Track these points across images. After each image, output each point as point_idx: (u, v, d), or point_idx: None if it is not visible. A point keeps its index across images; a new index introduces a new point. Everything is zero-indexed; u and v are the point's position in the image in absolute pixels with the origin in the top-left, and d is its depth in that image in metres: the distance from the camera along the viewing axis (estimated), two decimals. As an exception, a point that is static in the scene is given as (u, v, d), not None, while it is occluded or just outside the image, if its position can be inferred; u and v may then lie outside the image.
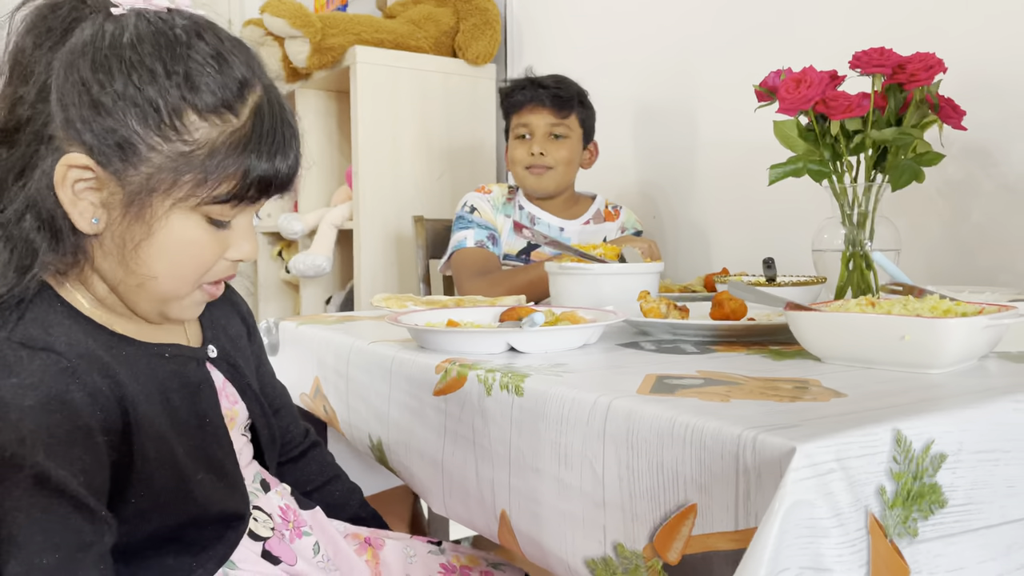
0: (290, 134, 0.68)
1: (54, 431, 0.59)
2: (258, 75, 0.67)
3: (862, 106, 1.19)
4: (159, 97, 0.62)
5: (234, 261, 0.70)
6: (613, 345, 0.97)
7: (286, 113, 0.68)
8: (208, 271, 0.69)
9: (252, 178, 0.65)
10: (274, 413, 0.91)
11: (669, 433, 0.60)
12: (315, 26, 2.16)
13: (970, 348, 0.76)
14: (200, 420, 0.73)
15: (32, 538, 0.57)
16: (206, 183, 0.64)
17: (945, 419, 0.60)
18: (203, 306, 0.74)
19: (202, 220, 0.66)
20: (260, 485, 0.83)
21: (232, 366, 0.81)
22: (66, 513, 0.59)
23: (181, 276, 0.67)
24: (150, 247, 0.65)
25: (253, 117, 0.65)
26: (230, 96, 0.64)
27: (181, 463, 0.69)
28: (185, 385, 0.73)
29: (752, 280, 1.31)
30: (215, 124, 0.64)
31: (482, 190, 1.83)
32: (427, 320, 1.00)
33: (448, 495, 0.86)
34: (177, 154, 0.63)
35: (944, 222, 1.42)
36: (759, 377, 0.75)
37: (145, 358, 0.70)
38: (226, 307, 0.87)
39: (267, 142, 0.65)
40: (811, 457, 0.52)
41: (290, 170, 0.68)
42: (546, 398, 0.72)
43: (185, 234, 0.65)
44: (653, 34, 1.97)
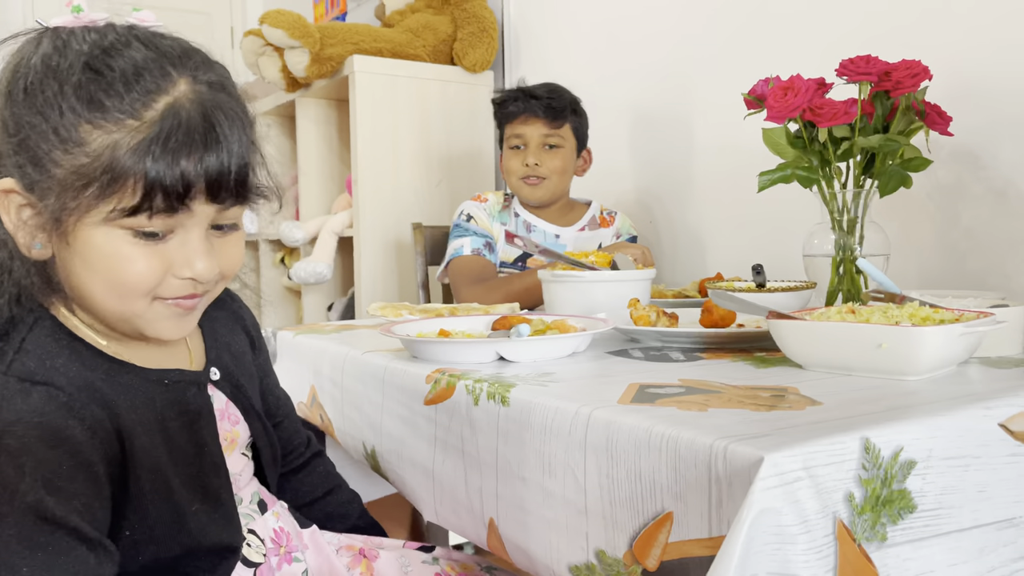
0: (214, 133, 0.62)
1: (55, 466, 0.59)
2: (178, 69, 0.63)
3: (849, 113, 1.21)
4: (54, 111, 0.60)
5: (185, 279, 0.65)
6: (602, 353, 0.99)
7: (214, 110, 0.62)
8: (155, 287, 0.64)
9: (155, 183, 0.60)
10: (276, 425, 0.92)
11: (646, 443, 0.62)
12: (313, 36, 2.19)
13: (946, 355, 0.77)
14: (198, 449, 0.73)
15: (35, 572, 0.58)
16: (109, 194, 0.60)
17: (915, 427, 0.61)
18: (186, 321, 0.69)
19: (126, 234, 0.62)
20: (257, 506, 0.83)
21: (235, 387, 0.80)
22: (69, 546, 0.59)
23: (120, 294, 0.64)
24: (80, 267, 0.63)
25: (160, 120, 0.60)
26: (128, 100, 0.60)
27: (177, 494, 0.69)
28: (184, 413, 0.72)
29: (744, 286, 1.32)
30: (111, 131, 0.60)
31: (478, 198, 1.85)
32: (419, 330, 1.02)
33: (439, 503, 0.88)
34: (77, 167, 0.60)
35: (934, 226, 1.43)
36: (740, 385, 0.76)
37: (144, 386, 0.69)
38: (230, 322, 0.86)
39: (173, 143, 0.60)
40: (778, 466, 0.53)
41: (210, 173, 0.61)
42: (531, 408, 0.74)
43: (107, 249, 0.62)
44: (649, 42, 1.99)
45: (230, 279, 0.72)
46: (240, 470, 0.82)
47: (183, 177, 0.60)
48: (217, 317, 0.84)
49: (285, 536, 0.84)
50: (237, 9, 3.94)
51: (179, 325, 0.69)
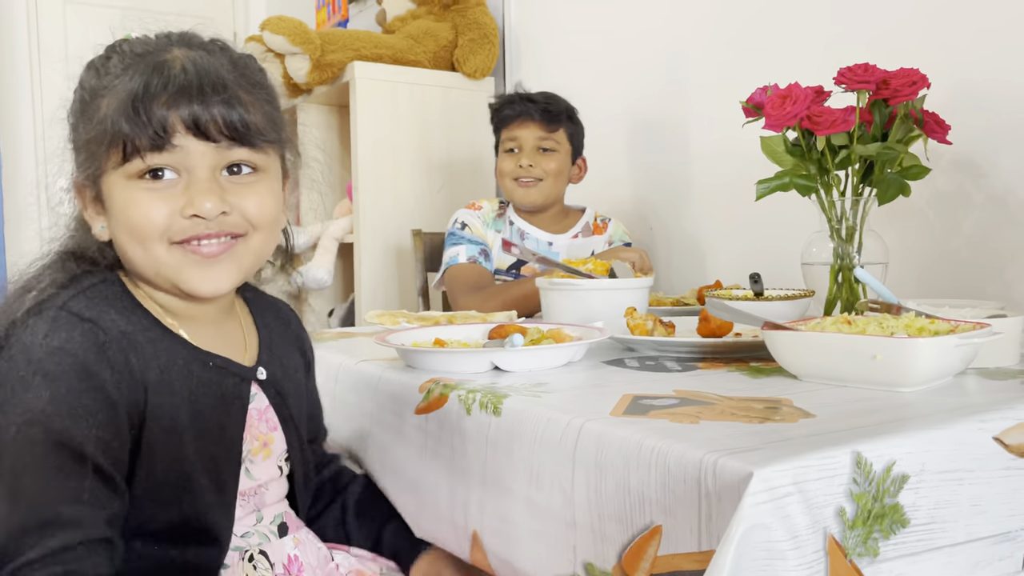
0: (188, 78, 0.69)
1: (81, 398, 0.65)
2: (179, 44, 0.72)
3: (847, 121, 1.20)
4: (85, 101, 0.72)
5: (192, 218, 0.70)
6: (598, 362, 0.98)
7: (199, 65, 0.70)
8: (165, 228, 0.70)
9: (135, 124, 0.67)
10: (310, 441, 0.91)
11: (636, 456, 0.62)
12: (314, 43, 2.19)
13: (941, 367, 0.77)
14: (220, 431, 0.75)
15: (48, 492, 0.63)
16: (112, 147, 0.69)
17: (907, 440, 0.61)
18: (215, 271, 0.73)
19: (136, 181, 0.70)
20: (277, 528, 0.82)
21: (279, 394, 0.82)
22: (83, 474, 0.64)
23: (138, 239, 0.70)
24: (114, 225, 0.72)
25: (146, 74, 0.69)
26: (124, 69, 0.70)
27: (187, 463, 0.72)
28: (218, 397, 0.75)
29: (742, 294, 1.32)
30: (110, 96, 0.69)
31: (472, 206, 1.85)
32: (415, 339, 1.02)
33: (421, 516, 0.88)
34: (94, 136, 0.70)
35: (934, 234, 1.43)
36: (734, 397, 0.76)
37: (186, 358, 0.73)
38: (288, 338, 0.89)
39: (151, 89, 0.68)
40: (768, 481, 0.53)
41: (187, 110, 0.68)
42: (522, 419, 0.73)
43: (122, 199, 0.70)
44: (648, 50, 1.98)
45: (265, 229, 0.75)
46: (269, 480, 0.81)
47: (157, 116, 0.68)
48: (276, 330, 0.87)
49: (298, 565, 0.82)
50: (240, 14, 3.95)
51: (208, 275, 0.72)
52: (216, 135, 0.70)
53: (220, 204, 0.70)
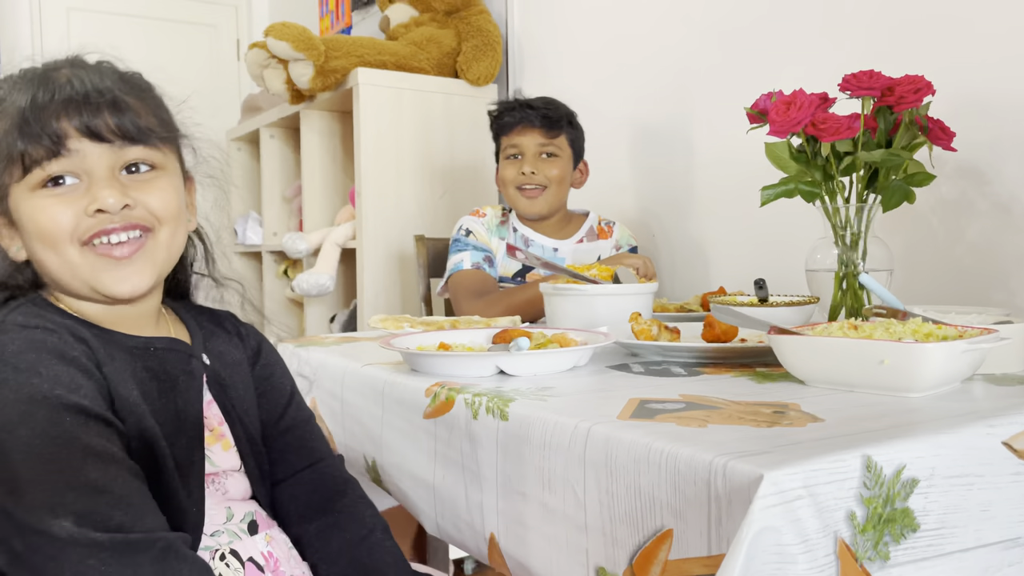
0: (73, 86, 0.71)
1: (67, 375, 0.68)
2: (65, 66, 0.75)
3: (852, 128, 1.20)
4: None
5: (95, 213, 0.72)
6: (603, 367, 0.98)
7: (83, 77, 0.72)
8: (72, 229, 0.72)
9: (26, 134, 0.70)
10: (284, 432, 0.88)
11: (645, 459, 0.61)
12: (318, 49, 2.19)
13: (949, 372, 0.77)
14: (178, 410, 0.76)
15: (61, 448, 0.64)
16: (10, 166, 0.72)
17: (917, 445, 0.61)
18: (128, 271, 0.75)
19: (40, 191, 0.72)
20: (247, 527, 0.81)
21: (220, 384, 0.83)
22: (85, 422, 0.67)
23: (50, 243, 0.73)
24: (29, 237, 0.74)
25: (32, 89, 0.72)
26: (11, 89, 0.73)
27: (153, 445, 0.72)
28: (170, 377, 0.77)
29: (746, 300, 1.32)
30: (3, 117, 0.72)
31: (476, 213, 1.85)
32: (419, 343, 1.02)
33: (441, 517, 0.88)
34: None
35: (938, 241, 1.43)
36: (740, 401, 0.76)
37: (126, 346, 0.75)
38: (226, 336, 0.88)
39: (38, 99, 0.71)
40: (778, 484, 0.53)
41: (74, 114, 0.71)
42: (530, 423, 0.73)
43: (30, 208, 0.72)
44: (651, 56, 1.99)
45: (168, 220, 0.77)
46: (229, 469, 0.81)
47: (50, 127, 0.70)
48: (209, 329, 0.87)
49: (273, 561, 0.81)
50: (243, 21, 3.96)
51: (123, 276, 0.75)
52: (109, 135, 0.72)
53: (122, 197, 0.73)
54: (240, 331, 0.90)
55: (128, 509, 0.64)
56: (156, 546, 0.64)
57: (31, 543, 0.62)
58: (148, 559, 0.63)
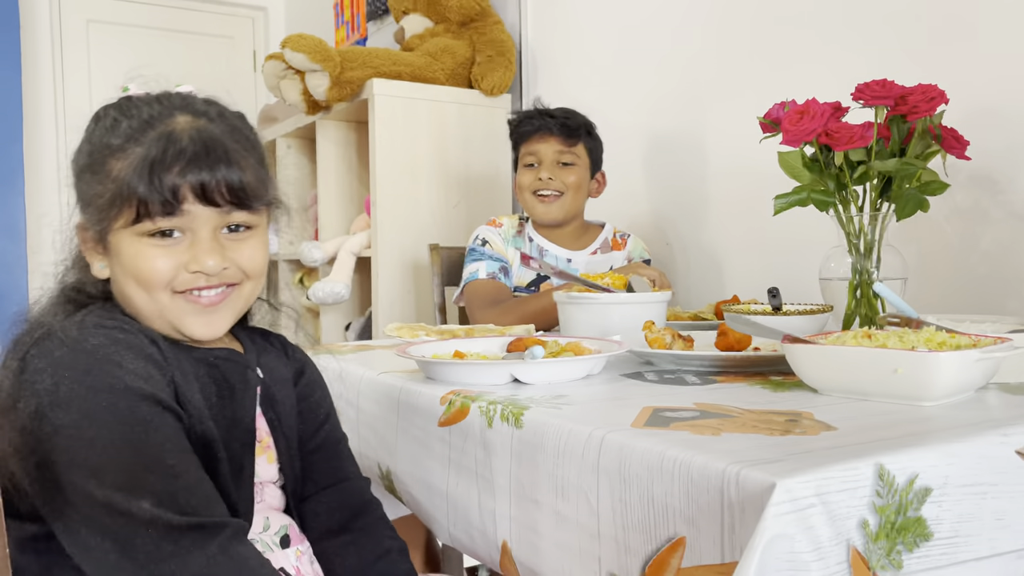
0: (197, 150, 0.74)
1: (144, 370, 0.72)
2: (183, 111, 0.78)
3: (865, 137, 1.20)
4: (92, 159, 0.77)
5: (195, 273, 0.77)
6: (616, 375, 0.99)
7: (204, 134, 0.76)
8: (171, 280, 0.77)
9: (146, 192, 0.73)
10: (315, 450, 0.90)
11: (659, 467, 0.62)
12: (334, 60, 2.22)
13: (963, 381, 0.77)
14: (233, 416, 0.80)
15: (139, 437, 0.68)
16: (123, 207, 0.74)
17: (930, 453, 0.61)
18: (213, 318, 0.79)
19: (145, 238, 0.76)
20: (280, 540, 0.84)
21: (269, 398, 0.86)
22: (160, 415, 0.71)
23: (145, 288, 0.77)
24: (120, 272, 0.78)
25: (151, 143, 0.74)
26: (138, 135, 0.75)
27: (210, 446, 0.76)
28: (227, 385, 0.80)
29: (760, 309, 1.32)
30: (124, 159, 0.75)
31: (493, 223, 1.86)
32: (434, 351, 1.03)
33: (453, 525, 0.88)
34: (107, 194, 0.75)
35: (953, 250, 1.42)
36: (754, 409, 0.76)
37: (190, 355, 0.79)
38: (280, 356, 0.91)
39: (163, 158, 0.73)
40: (791, 492, 0.53)
41: (196, 180, 0.74)
42: (544, 430, 0.74)
43: (132, 252, 0.76)
44: (665, 65, 2.00)
45: (257, 278, 0.82)
46: (270, 480, 0.84)
47: (171, 185, 0.74)
48: (262, 346, 0.90)
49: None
50: (260, 33, 4.01)
51: (208, 322, 0.79)
52: (220, 201, 0.76)
53: (222, 261, 0.77)
54: (288, 350, 0.93)
55: (200, 495, 0.69)
56: (225, 531, 0.68)
57: (111, 522, 0.65)
58: (217, 543, 0.67)
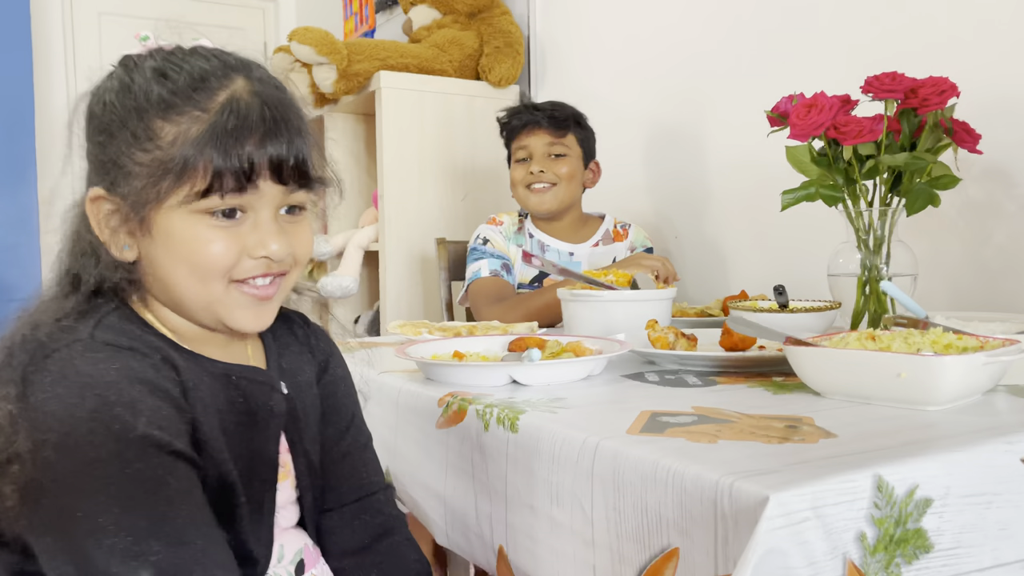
0: (268, 121, 0.67)
1: (160, 411, 0.63)
2: (237, 71, 0.69)
3: (875, 131, 1.18)
4: (132, 117, 0.67)
5: (260, 259, 0.69)
6: (617, 376, 0.97)
7: (268, 103, 0.68)
8: (231, 267, 0.69)
9: (222, 164, 0.65)
10: (339, 459, 0.85)
11: (652, 476, 0.61)
12: (341, 53, 2.20)
13: (969, 384, 0.75)
14: (254, 446, 0.73)
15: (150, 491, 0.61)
16: (184, 179, 0.66)
17: (931, 463, 0.60)
18: (263, 311, 0.72)
19: (203, 217, 0.67)
20: (295, 568, 0.79)
21: (292, 413, 0.79)
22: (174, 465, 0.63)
23: (200, 276, 0.68)
24: (164, 255, 0.68)
25: (222, 109, 0.66)
26: (194, 96, 0.67)
27: (228, 482, 0.70)
28: (248, 411, 0.73)
29: (767, 306, 1.30)
30: (180, 124, 0.66)
31: (493, 221, 1.85)
32: (434, 352, 1.02)
33: (451, 528, 0.88)
34: (154, 160, 0.66)
35: (965, 245, 1.40)
36: (754, 414, 0.75)
37: (209, 373, 0.71)
38: (298, 348, 0.83)
39: (236, 127, 0.66)
40: (785, 506, 0.52)
41: (273, 156, 0.67)
42: (539, 435, 0.73)
43: (187, 234, 0.67)
44: (674, 58, 1.97)
45: (303, 265, 0.75)
46: (285, 503, 0.79)
47: (248, 157, 0.66)
48: (283, 339, 0.83)
49: None
50: (271, 25, 4.00)
51: (257, 315, 0.72)
52: (289, 179, 0.69)
53: (286, 246, 0.70)
54: (311, 341, 0.85)
55: (207, 564, 0.61)
56: None
57: None
58: None
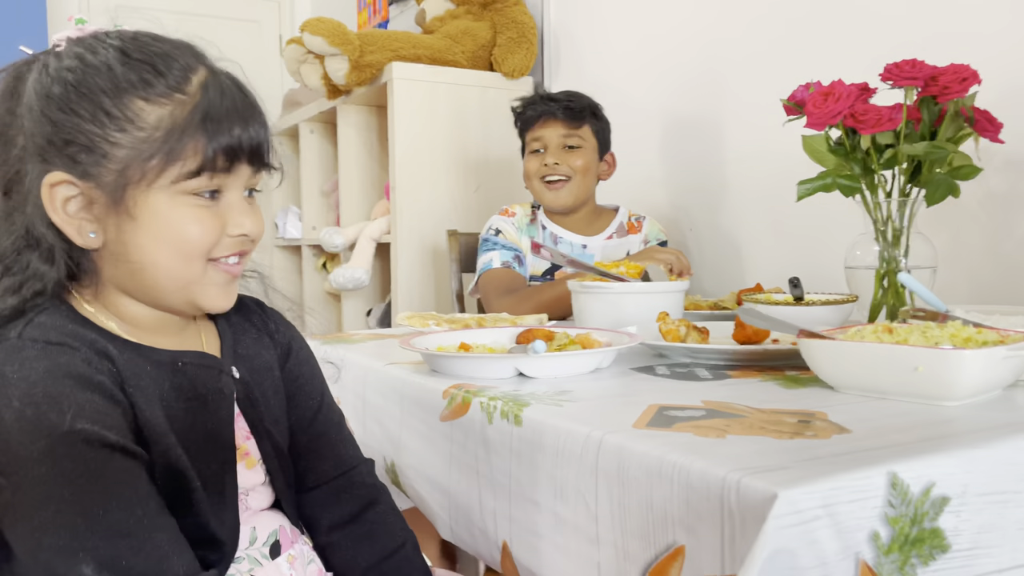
0: (246, 105, 0.69)
1: (92, 404, 0.62)
2: (200, 60, 0.70)
3: (894, 120, 1.15)
4: (104, 97, 0.66)
5: (237, 236, 0.71)
6: (627, 369, 0.95)
7: (239, 87, 0.70)
8: (213, 246, 0.70)
9: (214, 145, 0.66)
10: (314, 438, 0.84)
11: (658, 471, 0.59)
12: (353, 44, 2.19)
13: (989, 379, 0.72)
14: (208, 431, 0.72)
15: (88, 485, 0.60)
16: (172, 160, 0.66)
17: (948, 460, 0.57)
18: (231, 289, 0.74)
19: (188, 197, 0.68)
20: (269, 550, 0.77)
21: (249, 398, 0.78)
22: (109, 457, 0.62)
23: (184, 256, 0.69)
24: (146, 236, 0.68)
25: (203, 92, 0.67)
26: (171, 77, 0.67)
27: (181, 471, 0.68)
28: (198, 396, 0.72)
29: (783, 298, 1.27)
30: (163, 105, 0.66)
31: (505, 213, 1.83)
32: (439, 344, 1.00)
33: (455, 522, 0.86)
34: (138, 141, 0.66)
35: (986, 237, 1.36)
36: (765, 409, 0.73)
37: (152, 362, 0.70)
38: (255, 333, 0.83)
39: (220, 112, 0.67)
40: (794, 504, 0.50)
41: (252, 138, 0.69)
42: (543, 429, 0.71)
43: (173, 214, 0.67)
44: (688, 47, 1.94)
45: (257, 243, 0.76)
46: (253, 486, 0.78)
47: (236, 139, 0.68)
48: (239, 325, 0.82)
49: None
50: (286, 17, 3.99)
51: (227, 293, 0.73)
52: (257, 161, 0.71)
53: (259, 225, 0.72)
54: (269, 327, 0.84)
55: (153, 553, 0.61)
56: None
57: None
58: None
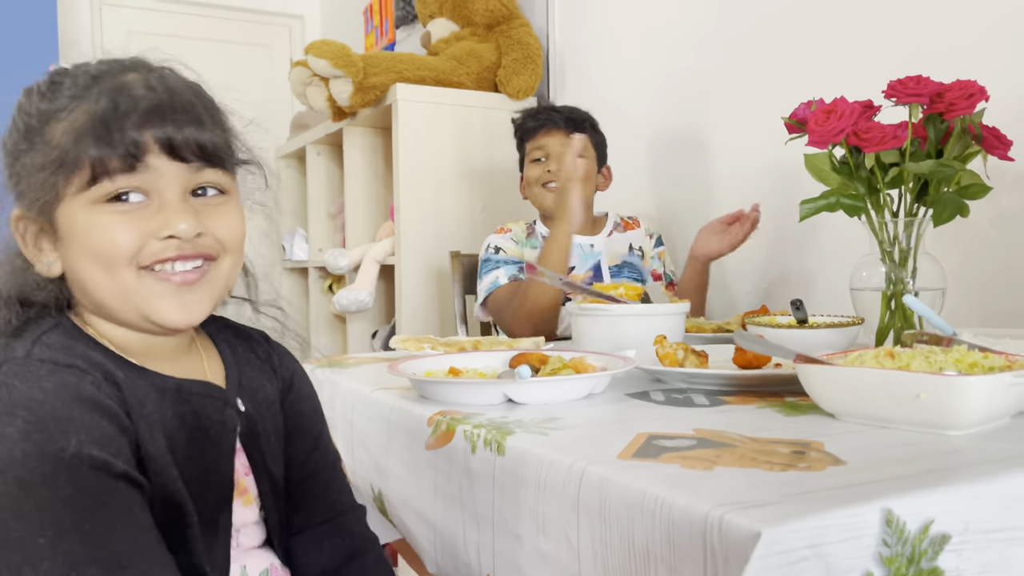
0: (163, 103, 0.66)
1: (98, 428, 0.61)
2: (133, 69, 0.69)
3: (898, 137, 1.12)
4: (30, 131, 0.68)
5: (166, 238, 0.67)
6: (621, 394, 0.92)
7: (160, 88, 0.67)
8: (136, 252, 0.67)
9: (102, 146, 0.64)
10: (306, 478, 0.82)
11: (639, 506, 0.56)
12: (357, 66, 2.19)
13: (994, 407, 0.69)
14: (207, 463, 0.70)
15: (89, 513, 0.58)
16: (74, 171, 0.65)
17: (948, 495, 0.54)
18: (188, 299, 0.69)
19: (103, 206, 0.66)
20: None
21: (252, 433, 0.76)
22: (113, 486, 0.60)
23: (106, 266, 0.66)
24: (74, 253, 0.67)
25: (105, 98, 0.66)
26: (83, 92, 0.66)
27: (179, 503, 0.66)
28: (200, 427, 0.70)
29: (787, 321, 1.24)
30: (68, 119, 0.66)
31: (501, 231, 1.81)
32: (428, 368, 0.98)
33: (440, 556, 0.83)
34: (48, 161, 0.66)
35: (997, 257, 1.33)
36: (759, 437, 0.69)
37: (157, 388, 0.68)
38: (259, 364, 0.81)
39: (116, 110, 0.65)
40: (779, 544, 0.47)
41: (167, 135, 0.66)
42: (525, 459, 0.68)
43: (88, 225, 0.66)
44: (692, 70, 1.92)
45: (236, 252, 0.73)
46: (247, 523, 0.76)
47: (130, 135, 0.65)
48: (243, 357, 0.80)
49: None
50: (297, 41, 4.02)
51: (183, 305, 0.69)
52: (188, 155, 0.67)
53: (196, 225, 0.68)
54: (273, 360, 0.82)
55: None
56: None
57: None
58: None
